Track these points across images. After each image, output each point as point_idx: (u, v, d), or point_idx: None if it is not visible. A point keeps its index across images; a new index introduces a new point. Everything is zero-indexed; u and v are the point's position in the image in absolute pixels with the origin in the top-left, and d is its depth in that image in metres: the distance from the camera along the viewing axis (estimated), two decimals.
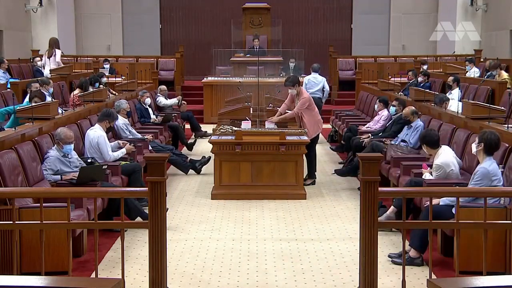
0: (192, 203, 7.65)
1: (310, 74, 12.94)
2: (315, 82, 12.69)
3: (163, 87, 12.94)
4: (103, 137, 7.44)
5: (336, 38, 21.23)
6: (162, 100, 12.43)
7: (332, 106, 15.82)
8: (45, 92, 8.90)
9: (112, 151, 7.57)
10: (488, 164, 5.36)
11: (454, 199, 5.34)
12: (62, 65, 13.25)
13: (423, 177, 6.35)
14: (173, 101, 12.66)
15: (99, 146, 7.37)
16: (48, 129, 6.97)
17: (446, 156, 6.25)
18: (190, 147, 11.15)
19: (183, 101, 12.90)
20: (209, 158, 9.14)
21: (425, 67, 14.71)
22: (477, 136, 5.63)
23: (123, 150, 7.69)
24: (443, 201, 5.48)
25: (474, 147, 5.58)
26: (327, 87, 12.95)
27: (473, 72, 13.58)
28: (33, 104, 7.50)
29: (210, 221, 6.90)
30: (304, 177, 8.23)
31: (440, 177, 6.17)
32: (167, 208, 4.90)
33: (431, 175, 6.29)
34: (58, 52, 13.47)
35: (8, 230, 4.84)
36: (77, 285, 2.80)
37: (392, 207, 6.34)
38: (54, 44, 13.47)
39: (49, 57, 13.26)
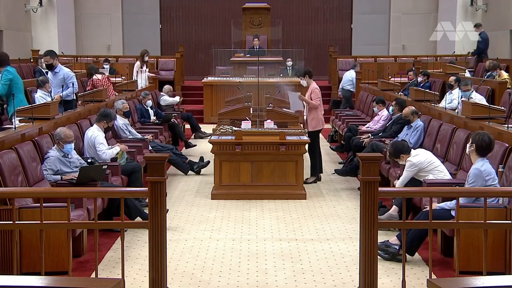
0: (192, 203, 7.65)
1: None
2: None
3: (169, 87, 13.40)
4: (99, 137, 7.44)
5: (336, 38, 21.23)
6: (166, 98, 12.79)
7: None
8: (44, 93, 8.91)
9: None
10: (480, 165, 5.37)
11: (451, 204, 5.36)
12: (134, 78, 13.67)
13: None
14: (176, 98, 13.17)
15: (94, 144, 7.37)
16: (48, 129, 6.98)
17: (419, 153, 6.56)
18: (187, 145, 11.20)
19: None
20: (208, 162, 9.13)
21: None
22: (470, 137, 5.64)
23: (117, 148, 7.65)
24: (439, 206, 5.48)
25: (467, 148, 5.61)
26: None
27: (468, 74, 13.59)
28: None
29: (210, 221, 6.90)
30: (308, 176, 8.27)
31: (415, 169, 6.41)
32: (167, 209, 4.91)
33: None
34: (136, 65, 14.08)
35: (8, 230, 4.84)
36: (77, 285, 2.81)
37: (394, 206, 6.36)
38: (140, 55, 14.13)
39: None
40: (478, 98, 9.01)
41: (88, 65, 12.39)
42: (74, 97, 9.14)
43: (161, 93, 12.94)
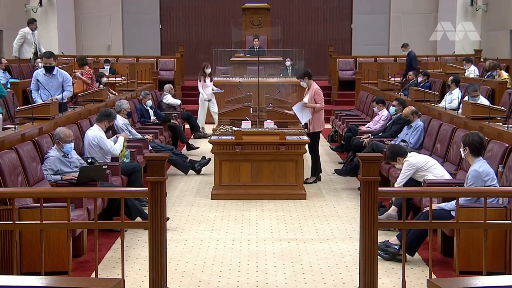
0: (192, 203, 7.65)
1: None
2: None
3: (170, 86, 13.25)
4: (102, 137, 7.44)
5: (336, 38, 21.23)
6: (169, 98, 12.71)
7: (332, 106, 15.82)
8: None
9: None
10: (478, 166, 5.37)
11: (451, 205, 5.36)
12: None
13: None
14: (178, 101, 13.06)
15: (100, 145, 7.37)
16: (48, 129, 6.98)
17: (414, 155, 6.59)
18: (189, 147, 11.19)
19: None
20: (209, 159, 9.14)
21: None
22: (461, 141, 5.64)
23: (121, 138, 7.67)
24: (438, 206, 5.47)
25: (462, 152, 5.61)
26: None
27: (473, 71, 13.58)
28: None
29: (210, 221, 6.90)
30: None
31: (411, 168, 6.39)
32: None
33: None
34: (199, 81, 13.81)
35: (8, 230, 4.84)
36: (77, 285, 2.81)
37: (393, 206, 6.36)
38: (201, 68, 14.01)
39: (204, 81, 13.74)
40: (484, 102, 8.96)
41: (78, 55, 12.26)
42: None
43: (164, 93, 12.88)
